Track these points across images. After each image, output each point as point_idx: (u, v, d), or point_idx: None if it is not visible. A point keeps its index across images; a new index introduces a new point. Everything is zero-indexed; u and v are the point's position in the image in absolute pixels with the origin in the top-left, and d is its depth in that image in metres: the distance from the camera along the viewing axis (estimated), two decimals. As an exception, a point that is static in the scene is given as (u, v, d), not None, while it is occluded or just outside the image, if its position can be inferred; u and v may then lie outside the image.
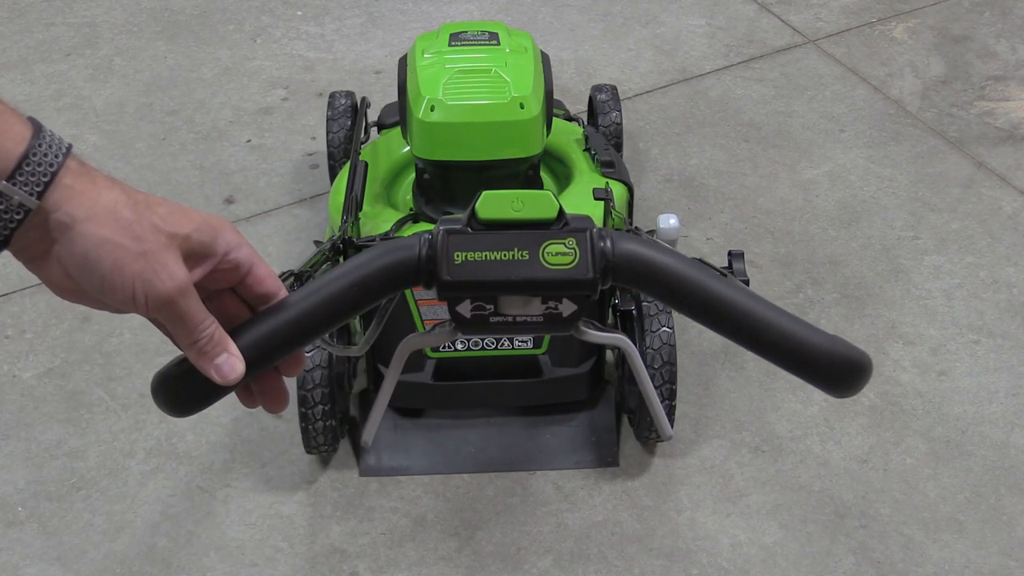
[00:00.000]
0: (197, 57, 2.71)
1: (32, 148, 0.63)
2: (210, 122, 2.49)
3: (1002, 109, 2.51)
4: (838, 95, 2.56)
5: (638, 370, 0.97)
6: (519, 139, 1.64)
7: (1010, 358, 1.91)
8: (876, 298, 2.03)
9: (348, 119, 2.13)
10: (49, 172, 0.63)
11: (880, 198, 2.26)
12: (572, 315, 0.74)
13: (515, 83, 1.64)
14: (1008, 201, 2.25)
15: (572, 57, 2.69)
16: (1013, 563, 1.61)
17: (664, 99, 2.56)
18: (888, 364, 1.90)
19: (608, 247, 0.71)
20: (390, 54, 2.70)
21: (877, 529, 1.65)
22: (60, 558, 1.62)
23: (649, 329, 1.63)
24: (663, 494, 1.70)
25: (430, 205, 1.74)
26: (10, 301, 2.03)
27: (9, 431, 1.80)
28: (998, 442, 1.77)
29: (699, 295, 0.72)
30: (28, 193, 0.63)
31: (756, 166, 2.35)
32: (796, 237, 2.16)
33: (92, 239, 0.64)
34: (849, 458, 1.75)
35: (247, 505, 1.69)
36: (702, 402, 1.84)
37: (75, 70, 2.66)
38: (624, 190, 1.83)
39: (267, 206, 2.26)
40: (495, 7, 2.90)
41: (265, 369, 0.74)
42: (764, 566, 1.61)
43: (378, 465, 1.73)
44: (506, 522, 1.66)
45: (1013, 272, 2.08)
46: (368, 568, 1.60)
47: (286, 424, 1.79)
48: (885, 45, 2.73)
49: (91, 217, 0.64)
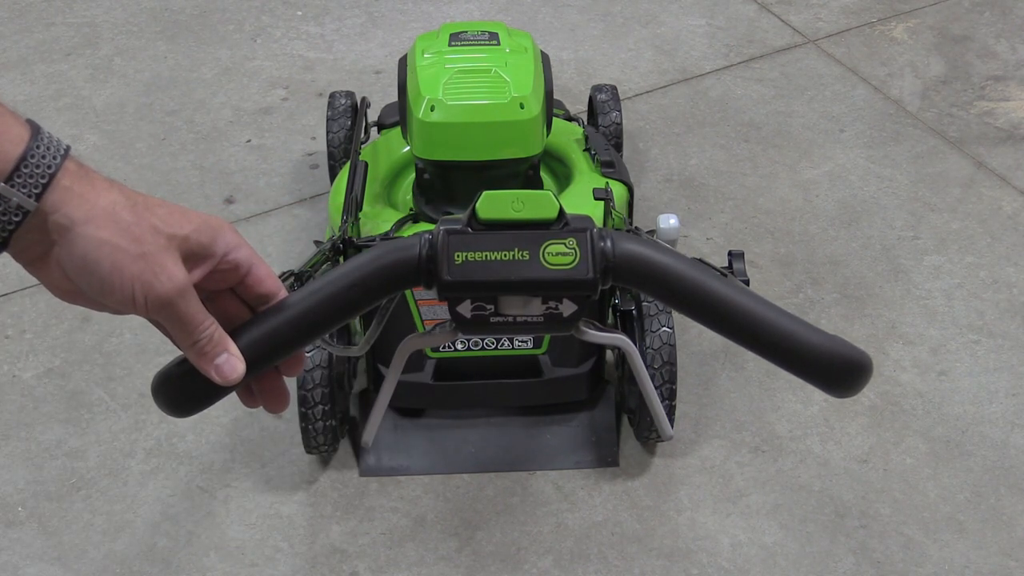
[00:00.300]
0: (197, 57, 2.71)
1: (30, 150, 0.63)
2: (210, 122, 2.49)
3: (1002, 109, 2.51)
4: (838, 95, 2.56)
5: (638, 370, 0.97)
6: (519, 139, 1.64)
7: (1010, 358, 1.91)
8: (876, 298, 2.03)
9: (348, 119, 2.14)
10: (47, 174, 0.63)
11: (880, 198, 2.26)
12: (572, 315, 0.74)
13: (515, 83, 1.64)
14: (1008, 201, 2.25)
15: (572, 57, 2.69)
16: (1013, 563, 1.61)
17: (664, 99, 2.56)
18: (888, 364, 1.90)
19: (608, 247, 0.71)
20: (390, 54, 2.70)
21: (877, 529, 1.65)
22: (60, 558, 1.62)
23: (649, 329, 1.63)
24: (663, 494, 1.70)
25: (430, 205, 1.74)
26: (10, 301, 2.03)
27: (9, 431, 1.80)
28: (998, 442, 1.77)
29: (699, 295, 0.72)
30: (26, 195, 0.63)
31: (756, 166, 2.35)
32: (796, 237, 2.16)
33: (91, 241, 0.64)
34: (849, 458, 1.75)
35: (247, 505, 1.69)
36: (702, 402, 1.84)
37: (75, 70, 2.66)
38: (624, 190, 1.83)
39: (267, 206, 2.26)
40: (495, 7, 2.90)
41: (265, 369, 0.74)
42: (764, 566, 1.61)
43: (378, 465, 1.73)
44: (506, 522, 1.66)
45: (1013, 272, 2.08)
46: (368, 568, 1.60)
47: (286, 424, 1.79)
48: (885, 45, 2.73)
49: (90, 219, 0.64)
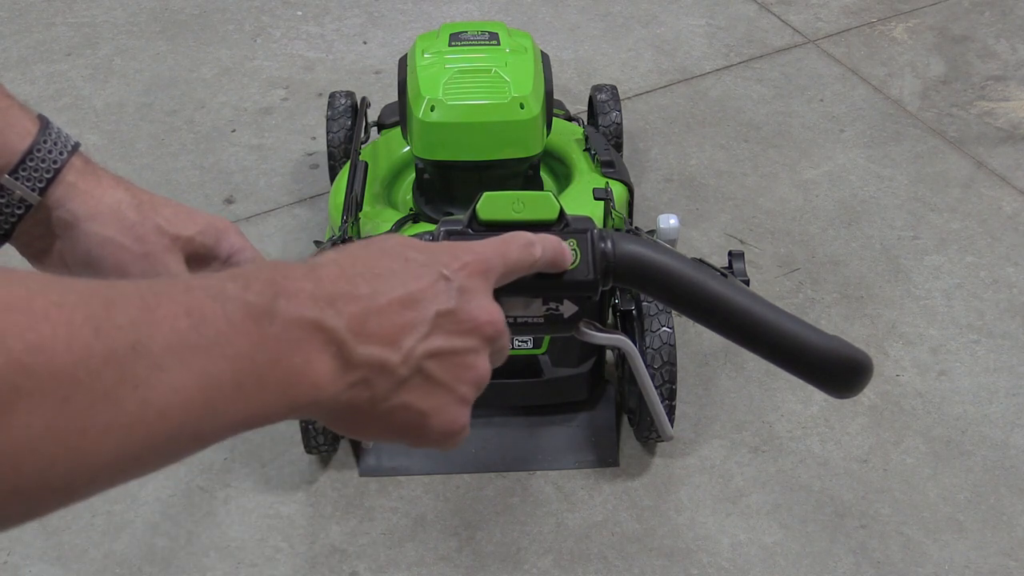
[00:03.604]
0: (197, 57, 2.71)
1: (37, 144, 0.63)
2: (210, 122, 2.49)
3: (1002, 109, 2.51)
4: (838, 95, 2.56)
5: (639, 371, 0.97)
6: (519, 139, 1.64)
7: (1010, 358, 1.91)
8: (876, 298, 2.03)
9: (348, 119, 2.13)
10: (52, 169, 0.63)
11: (880, 198, 2.26)
12: (573, 316, 0.74)
13: (515, 83, 1.65)
14: (1008, 201, 2.25)
15: (572, 57, 2.69)
16: (1013, 563, 1.61)
17: (664, 99, 2.56)
18: (888, 364, 1.90)
19: (609, 248, 0.71)
20: (390, 54, 2.70)
21: (877, 529, 1.65)
22: (60, 558, 1.62)
23: (649, 329, 1.63)
24: (663, 494, 1.70)
25: (430, 205, 1.74)
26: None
27: (9, 431, 1.80)
28: (998, 442, 1.77)
29: (700, 296, 0.72)
30: (30, 188, 0.63)
31: (756, 166, 2.35)
32: (796, 237, 2.16)
33: (95, 238, 0.64)
34: (849, 458, 1.75)
35: (247, 505, 1.69)
36: (702, 402, 1.84)
37: (75, 70, 2.66)
38: (624, 190, 1.83)
39: (267, 206, 2.26)
40: (495, 7, 2.90)
41: None
42: (764, 566, 1.61)
43: (378, 465, 1.73)
44: (506, 522, 1.66)
45: (1013, 272, 2.08)
46: (368, 568, 1.60)
47: (286, 424, 1.79)
48: (885, 45, 2.73)
49: (94, 216, 0.64)
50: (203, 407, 0.42)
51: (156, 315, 0.40)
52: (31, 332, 0.36)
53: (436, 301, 0.52)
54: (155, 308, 0.41)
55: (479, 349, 0.54)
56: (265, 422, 0.46)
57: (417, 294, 0.51)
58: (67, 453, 0.37)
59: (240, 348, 0.43)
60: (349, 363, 0.48)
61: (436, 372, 0.52)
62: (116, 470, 0.39)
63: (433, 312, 0.52)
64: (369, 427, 0.52)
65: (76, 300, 0.38)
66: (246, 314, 0.44)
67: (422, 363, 0.51)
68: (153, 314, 0.40)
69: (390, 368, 0.50)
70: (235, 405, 0.43)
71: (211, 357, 0.42)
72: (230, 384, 0.43)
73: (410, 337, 0.50)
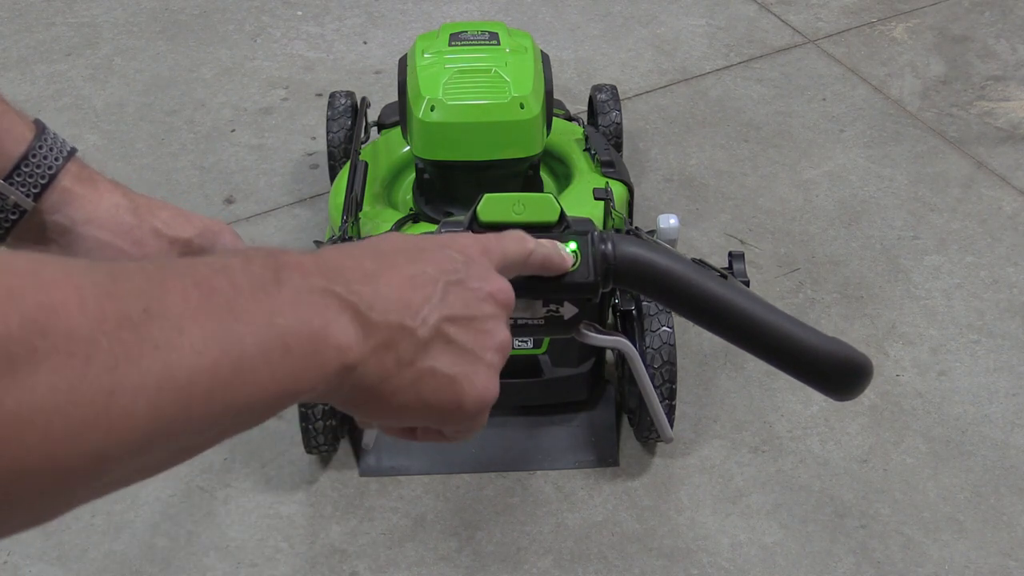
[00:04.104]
0: (197, 57, 2.71)
1: (32, 150, 0.63)
2: (210, 122, 2.49)
3: (1002, 109, 2.51)
4: (838, 95, 2.56)
5: (638, 372, 0.97)
6: (519, 139, 1.64)
7: (1010, 358, 1.91)
8: (876, 298, 2.03)
9: (348, 119, 2.13)
10: (47, 174, 0.63)
11: (880, 198, 2.26)
12: (573, 318, 0.74)
13: (515, 83, 1.64)
14: (1008, 201, 2.25)
15: (572, 57, 2.69)
16: (1013, 563, 1.61)
17: (664, 99, 2.56)
18: (888, 364, 1.90)
19: (609, 250, 0.71)
20: (390, 54, 2.70)
21: (877, 529, 1.65)
22: (60, 558, 1.62)
23: (649, 329, 1.63)
24: (663, 494, 1.70)
25: (430, 205, 1.74)
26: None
27: (9, 431, 1.80)
28: (998, 442, 1.78)
29: (700, 298, 0.71)
30: (24, 194, 0.63)
31: (756, 166, 2.35)
32: (796, 237, 2.16)
33: (92, 242, 0.64)
34: (849, 458, 1.75)
35: (247, 505, 1.69)
36: (702, 402, 1.84)
37: (75, 70, 2.66)
38: (624, 190, 1.83)
39: (267, 206, 2.26)
40: (495, 7, 2.90)
41: None
42: (764, 566, 1.61)
43: (378, 465, 1.73)
44: (506, 522, 1.66)
45: (1013, 272, 2.08)
46: (368, 568, 1.60)
47: (286, 424, 1.79)
48: (885, 45, 2.73)
49: (91, 220, 0.64)
50: (231, 373, 0.41)
51: (165, 286, 0.40)
52: (42, 294, 0.35)
53: (444, 273, 0.52)
54: (162, 280, 0.40)
55: (497, 315, 0.55)
56: (301, 394, 0.45)
57: (425, 267, 0.52)
58: (96, 416, 0.36)
59: (255, 315, 0.43)
60: (369, 326, 0.48)
61: (458, 337, 0.52)
62: (149, 440, 0.38)
63: (443, 282, 0.52)
64: (404, 402, 0.51)
65: (82, 271, 0.37)
66: (253, 284, 0.43)
67: (441, 326, 0.51)
68: (161, 285, 0.40)
69: (410, 330, 0.50)
70: (265, 372, 0.42)
71: (228, 322, 0.41)
72: (254, 348, 0.42)
73: (425, 305, 0.51)
